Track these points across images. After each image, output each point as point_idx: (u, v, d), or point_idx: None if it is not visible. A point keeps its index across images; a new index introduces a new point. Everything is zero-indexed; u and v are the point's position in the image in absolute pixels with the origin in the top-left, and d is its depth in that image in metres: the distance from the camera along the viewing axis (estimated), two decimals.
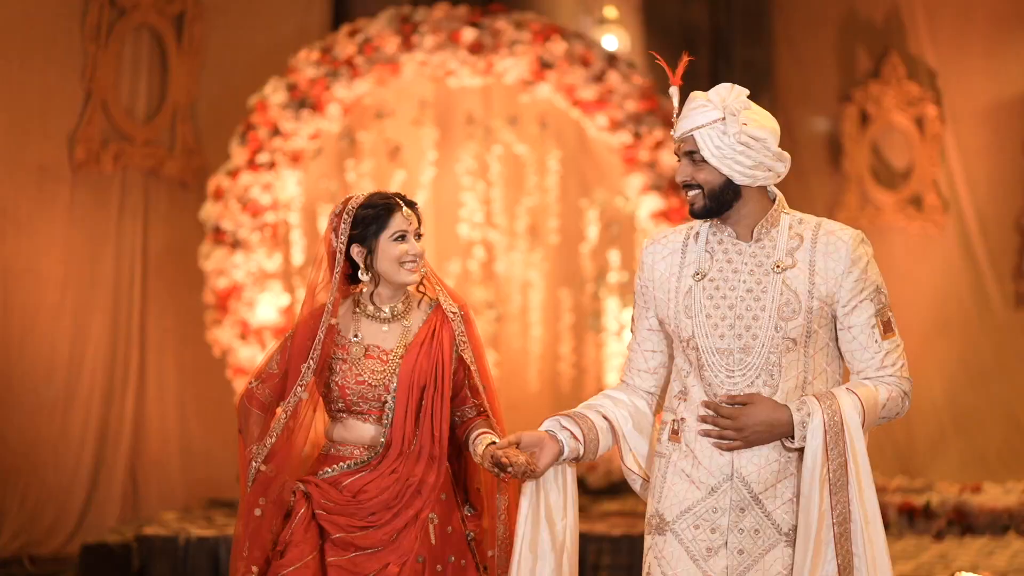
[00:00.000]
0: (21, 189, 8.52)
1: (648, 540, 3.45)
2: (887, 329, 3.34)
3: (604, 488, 8.93)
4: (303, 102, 8.80)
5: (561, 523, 3.45)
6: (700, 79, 10.56)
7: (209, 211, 8.75)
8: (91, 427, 8.84)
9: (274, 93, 8.81)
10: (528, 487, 3.43)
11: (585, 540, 3.46)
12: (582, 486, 8.57)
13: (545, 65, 8.96)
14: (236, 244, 8.68)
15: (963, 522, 8.27)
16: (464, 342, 3.70)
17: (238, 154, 8.77)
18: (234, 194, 8.69)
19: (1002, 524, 8.25)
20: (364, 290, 3.72)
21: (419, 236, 3.69)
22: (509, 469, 3.35)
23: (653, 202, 9.00)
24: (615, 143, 9.09)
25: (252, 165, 8.73)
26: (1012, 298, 10.18)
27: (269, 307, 8.72)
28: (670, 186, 8.97)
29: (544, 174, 9.54)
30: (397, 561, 3.56)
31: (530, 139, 9.51)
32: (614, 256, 9.44)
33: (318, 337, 3.61)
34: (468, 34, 8.90)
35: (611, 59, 9.12)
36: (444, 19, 8.94)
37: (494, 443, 3.50)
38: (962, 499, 8.50)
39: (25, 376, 8.54)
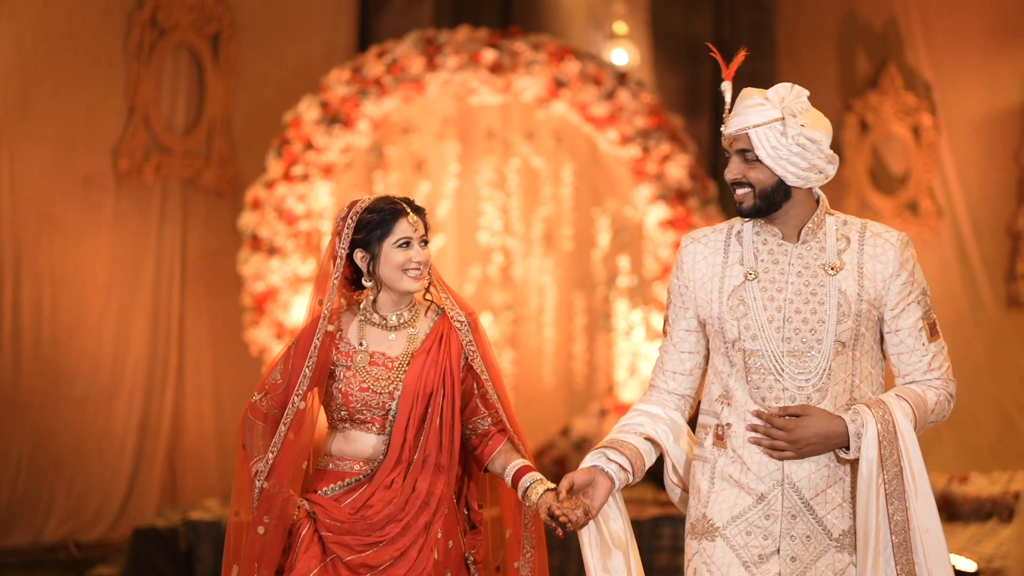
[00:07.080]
0: (68, 198, 8.77)
1: (693, 545, 3.24)
2: (933, 332, 3.20)
3: None
4: (335, 118, 8.88)
5: (625, 544, 3.31)
6: (703, 89, 10.84)
7: (247, 220, 8.86)
8: (133, 421, 9.07)
9: (308, 110, 8.86)
10: None
11: None
12: None
13: (560, 84, 9.07)
14: (272, 251, 8.76)
15: (948, 509, 8.35)
16: (473, 351, 3.44)
17: (274, 167, 8.88)
18: (271, 204, 8.80)
19: (985, 512, 8.33)
20: (367, 296, 3.49)
21: (425, 243, 3.47)
22: (568, 525, 3.19)
23: (660, 211, 9.13)
24: (625, 156, 9.22)
25: (287, 177, 8.82)
26: (1004, 300, 10.13)
27: (303, 309, 8.48)
28: (676, 196, 9.10)
29: (558, 185, 9.64)
30: None
31: (546, 153, 9.61)
32: (624, 261, 9.53)
33: (314, 343, 3.38)
34: (488, 55, 9.01)
35: (621, 78, 9.23)
36: (466, 41, 9.06)
37: (551, 490, 3.30)
38: (949, 488, 8.60)
39: (72, 373, 8.77)
